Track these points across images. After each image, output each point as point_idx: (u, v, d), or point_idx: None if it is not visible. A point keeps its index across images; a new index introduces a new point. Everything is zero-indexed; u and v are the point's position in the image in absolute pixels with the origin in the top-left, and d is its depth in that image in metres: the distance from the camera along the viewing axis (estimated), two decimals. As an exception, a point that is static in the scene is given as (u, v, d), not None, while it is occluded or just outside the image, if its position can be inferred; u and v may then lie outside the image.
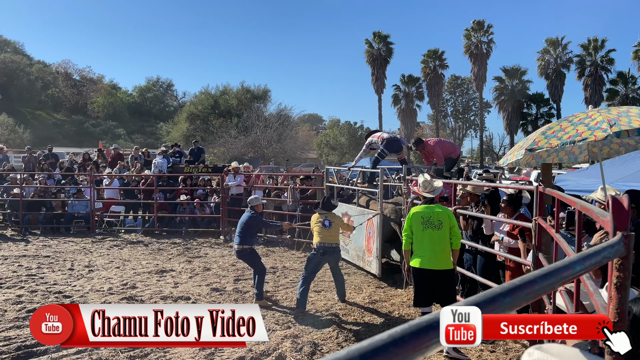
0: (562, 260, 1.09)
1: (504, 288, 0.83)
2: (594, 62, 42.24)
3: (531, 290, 0.90)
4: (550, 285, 0.96)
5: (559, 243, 3.56)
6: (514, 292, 0.85)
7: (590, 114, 3.94)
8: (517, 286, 0.86)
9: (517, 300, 0.85)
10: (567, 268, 1.06)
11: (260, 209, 7.68)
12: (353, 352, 0.55)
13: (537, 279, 0.93)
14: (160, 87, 76.31)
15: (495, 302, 0.80)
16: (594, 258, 1.19)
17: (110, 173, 15.14)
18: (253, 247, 7.54)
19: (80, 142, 50.25)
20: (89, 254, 10.83)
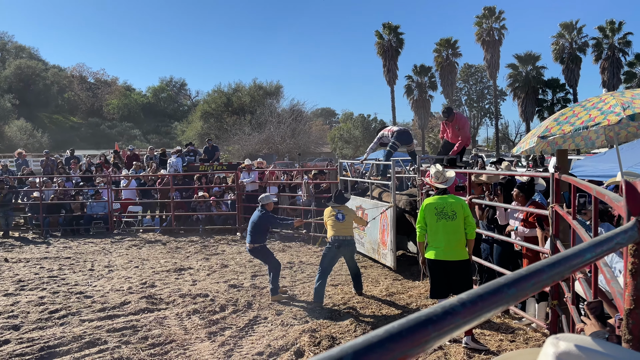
0: (572, 248, 1.07)
1: (508, 278, 0.81)
2: (611, 44, 41.38)
3: (538, 280, 0.88)
4: (559, 274, 0.93)
5: (576, 230, 3.50)
6: (520, 283, 0.83)
7: (603, 98, 3.86)
8: (522, 276, 0.84)
9: (523, 291, 0.83)
10: (577, 256, 1.03)
11: (271, 207, 7.63)
12: (347, 349, 0.54)
13: (544, 268, 0.91)
14: (174, 87, 76.88)
15: (499, 293, 0.78)
16: (605, 245, 1.16)
17: (127, 174, 15.30)
18: (265, 245, 7.53)
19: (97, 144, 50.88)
20: (109, 254, 10.98)
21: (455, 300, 0.72)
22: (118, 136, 55.58)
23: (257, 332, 6.07)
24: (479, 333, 5.65)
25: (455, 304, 0.70)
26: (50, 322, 6.36)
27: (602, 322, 2.23)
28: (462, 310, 0.70)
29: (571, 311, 3.79)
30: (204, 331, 6.05)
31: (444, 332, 0.67)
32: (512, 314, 6.23)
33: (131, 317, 6.59)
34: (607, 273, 2.04)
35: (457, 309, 0.70)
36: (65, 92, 65.45)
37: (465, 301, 0.72)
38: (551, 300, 4.90)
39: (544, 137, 4.06)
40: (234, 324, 6.33)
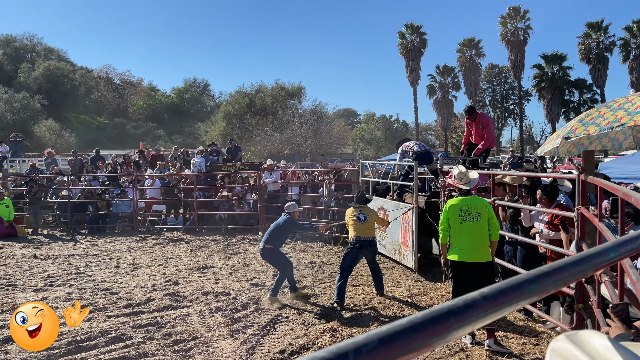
0: (595, 247, 1.07)
1: (530, 275, 0.83)
2: (639, 44, 40.41)
3: (560, 277, 0.89)
4: (581, 272, 0.94)
5: (602, 232, 3.46)
6: (541, 279, 0.84)
7: (630, 99, 3.80)
8: (544, 272, 0.86)
9: (545, 287, 0.84)
10: (600, 255, 1.03)
11: (296, 216, 7.54)
12: (372, 336, 0.57)
13: (567, 266, 0.92)
14: (197, 88, 77.74)
15: (521, 288, 0.79)
16: (630, 244, 1.15)
17: (151, 174, 15.56)
18: (280, 249, 7.43)
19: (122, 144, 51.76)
20: (133, 252, 11.19)
21: (477, 294, 0.74)
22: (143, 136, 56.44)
23: (279, 331, 6.12)
24: (502, 336, 5.60)
25: (477, 297, 0.72)
26: (77, 317, 6.51)
27: (627, 325, 2.20)
28: (483, 303, 0.72)
29: (597, 315, 3.73)
30: (226, 329, 6.13)
31: (465, 324, 0.69)
32: (536, 317, 6.16)
33: (155, 313, 6.71)
34: (632, 275, 2.02)
35: (479, 302, 0.72)
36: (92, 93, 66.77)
37: (487, 295, 0.74)
38: (577, 304, 4.82)
39: (568, 138, 4.02)
40: (255, 322, 6.40)
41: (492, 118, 8.76)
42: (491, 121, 8.86)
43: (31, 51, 67.74)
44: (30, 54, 67.00)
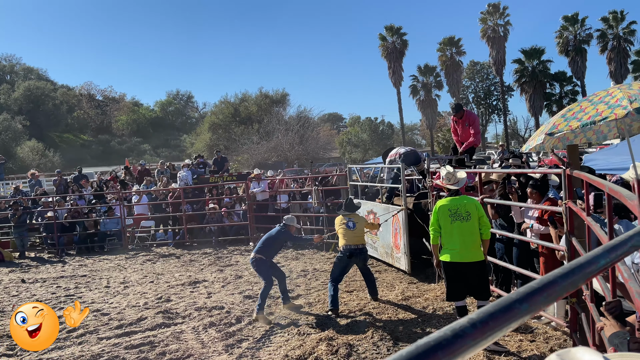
0: (585, 255, 1.04)
1: (520, 293, 0.79)
2: (616, 35, 41.02)
3: (551, 292, 0.85)
4: (573, 284, 0.91)
5: (591, 227, 3.45)
6: (532, 297, 0.80)
7: (610, 92, 3.81)
8: (535, 289, 0.82)
9: (536, 305, 0.80)
10: (591, 263, 1.00)
11: (292, 230, 7.42)
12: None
13: (557, 279, 0.88)
14: (181, 100, 77.50)
15: (511, 310, 0.76)
16: (620, 249, 1.12)
17: (138, 189, 15.40)
18: (272, 260, 7.29)
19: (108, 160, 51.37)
20: (124, 270, 11.04)
21: (465, 321, 0.70)
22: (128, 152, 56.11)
23: (274, 343, 6.05)
24: (498, 334, 5.58)
25: (466, 326, 0.68)
26: (68, 342, 6.39)
27: (621, 322, 2.18)
28: (472, 331, 0.68)
29: (590, 309, 3.72)
30: (221, 344, 6.04)
31: (454, 356, 0.65)
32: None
33: (148, 332, 6.60)
34: (624, 272, 2.00)
35: (468, 331, 0.68)
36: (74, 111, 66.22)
37: (475, 321, 0.70)
38: (570, 298, 4.83)
39: (552, 134, 4.02)
40: (250, 335, 6.32)
41: (477, 115, 8.73)
42: (477, 118, 8.88)
43: (10, 72, 67.09)
44: (10, 75, 66.33)
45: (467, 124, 8.57)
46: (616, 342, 1.97)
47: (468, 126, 8.56)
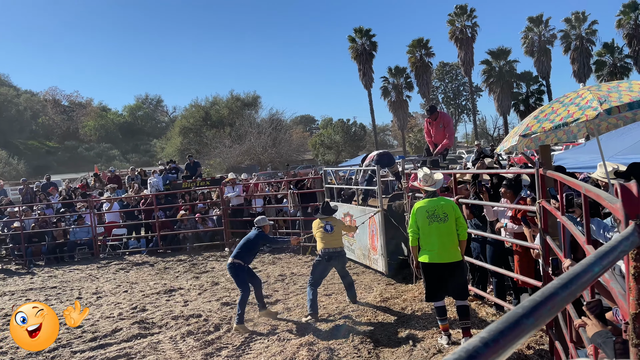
0: (579, 264, 1.05)
1: (525, 307, 0.79)
2: (578, 35, 42.27)
3: (554, 304, 0.86)
4: (572, 294, 0.92)
5: (566, 225, 3.52)
6: (537, 311, 0.81)
7: (580, 93, 3.91)
8: (539, 303, 0.83)
9: (542, 319, 0.81)
10: (586, 272, 1.02)
11: (267, 230, 7.38)
12: None
13: (557, 291, 0.90)
14: (150, 104, 76.33)
15: (519, 326, 0.76)
16: (610, 255, 1.15)
17: (109, 197, 15.08)
18: (249, 266, 7.17)
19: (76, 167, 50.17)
20: (96, 280, 10.78)
21: (477, 341, 0.69)
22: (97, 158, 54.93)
23: (254, 350, 6.00)
24: (476, 333, 5.65)
25: (479, 346, 0.68)
26: (40, 357, 6.19)
27: (602, 321, 2.23)
28: (485, 351, 0.68)
29: (567, 307, 3.80)
30: (200, 353, 5.95)
31: (471, 379, 0.64)
32: (507, 310, 6.26)
33: (124, 344, 6.46)
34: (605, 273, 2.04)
35: (481, 351, 0.67)
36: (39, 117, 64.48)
37: (487, 340, 0.70)
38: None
39: (525, 135, 4.09)
40: (229, 343, 6.25)
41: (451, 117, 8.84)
42: (451, 120, 8.99)
43: (-30, 78, 64.92)
44: (-30, 82, 64.22)
45: (442, 126, 8.68)
46: (599, 342, 2.01)
47: (442, 127, 8.66)
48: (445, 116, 8.89)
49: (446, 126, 8.67)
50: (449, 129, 8.68)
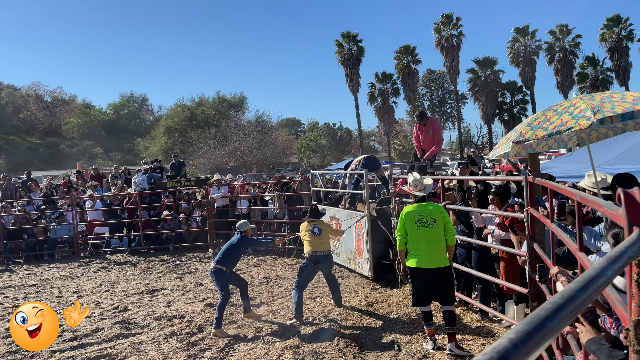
0: (593, 268, 1.05)
1: (548, 310, 0.79)
2: (562, 47, 42.98)
3: (574, 306, 0.86)
4: (590, 297, 0.92)
5: (556, 232, 3.55)
6: (559, 312, 0.81)
7: (574, 102, 3.95)
8: (560, 306, 0.82)
9: (564, 321, 0.80)
10: (600, 276, 1.02)
11: (250, 234, 7.32)
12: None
13: (576, 294, 0.89)
14: (135, 103, 75.57)
15: (544, 327, 0.75)
16: (621, 260, 1.15)
17: (91, 194, 14.86)
18: (233, 271, 7.11)
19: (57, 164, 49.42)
20: (76, 279, 10.60)
21: (506, 342, 0.68)
22: (79, 155, 54.15)
23: (238, 352, 5.94)
24: (461, 339, 5.68)
25: (509, 347, 0.67)
26: (19, 355, 6.06)
27: (595, 327, 2.24)
28: (515, 352, 0.67)
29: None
30: (183, 354, 5.88)
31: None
32: (492, 317, 6.30)
33: (105, 344, 6.35)
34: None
35: (512, 352, 0.66)
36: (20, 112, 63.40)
37: (516, 342, 0.69)
38: (531, 302, 4.96)
39: (519, 142, 4.13)
40: (213, 345, 6.18)
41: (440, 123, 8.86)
42: (441, 127, 9.04)
43: (-50, 70, 63.56)
44: (-50, 74, 62.88)
45: (431, 132, 8.71)
46: (593, 348, 2.02)
47: (432, 134, 8.70)
48: (434, 122, 8.92)
49: (435, 132, 8.70)
50: (438, 135, 8.71)
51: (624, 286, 2.29)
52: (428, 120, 8.83)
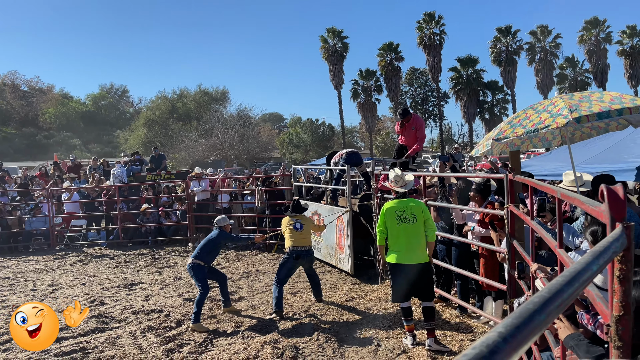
0: (578, 263, 1.04)
1: (536, 304, 0.77)
2: (543, 48, 43.62)
3: (561, 300, 0.85)
4: (576, 291, 0.91)
5: (536, 229, 3.58)
6: (547, 307, 0.80)
7: (554, 101, 4.00)
8: (547, 299, 0.81)
9: (552, 315, 0.80)
10: (586, 270, 1.01)
11: (228, 229, 7.26)
12: None
13: (563, 288, 0.89)
14: (115, 94, 74.37)
15: (533, 321, 0.74)
16: (605, 255, 1.15)
17: (69, 186, 14.59)
18: (211, 266, 7.07)
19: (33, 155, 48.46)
20: (52, 272, 10.40)
21: (496, 336, 0.66)
22: (56, 146, 53.11)
23: (217, 347, 5.89)
24: (440, 334, 5.71)
25: (499, 341, 0.65)
26: (-10, 350, 5.91)
27: (574, 322, 2.26)
28: (505, 346, 0.65)
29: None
30: (161, 349, 5.81)
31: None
32: (471, 313, 6.35)
33: (80, 338, 6.23)
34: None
35: (501, 346, 0.64)
36: (-5, 101, 61.93)
37: (506, 335, 0.67)
38: (509, 299, 5.01)
39: (499, 139, 4.16)
40: (192, 340, 6.12)
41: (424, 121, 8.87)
42: (424, 124, 9.07)
43: None
44: None
45: (414, 128, 8.74)
46: (572, 344, 2.04)
47: (414, 130, 8.72)
48: (417, 119, 8.95)
49: (418, 129, 8.73)
50: (421, 132, 8.74)
51: (602, 283, 2.32)
52: (411, 117, 8.84)
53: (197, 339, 6.11)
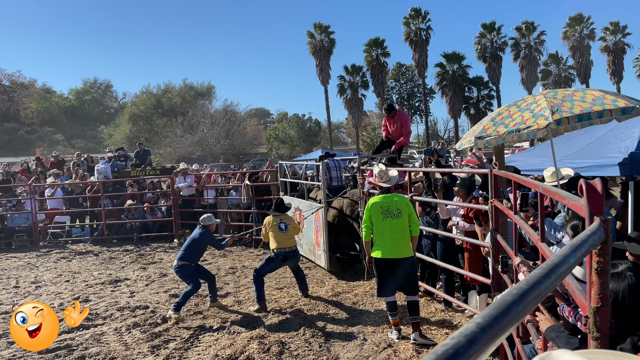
0: (556, 255, 1.07)
1: (513, 295, 0.79)
2: (527, 44, 43.99)
3: (539, 292, 0.87)
4: (554, 283, 0.93)
5: (520, 224, 3.63)
6: (524, 298, 0.82)
7: (537, 99, 4.04)
8: (525, 291, 0.83)
9: (529, 306, 0.81)
10: (564, 263, 1.04)
11: (213, 228, 7.25)
12: None
13: (541, 280, 0.91)
14: (99, 89, 73.41)
15: (510, 312, 0.76)
16: (583, 248, 1.18)
17: (53, 182, 14.40)
18: (198, 264, 7.08)
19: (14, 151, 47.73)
20: (35, 269, 10.28)
21: (474, 327, 0.68)
22: (38, 142, 52.33)
23: (203, 342, 5.88)
24: (426, 328, 5.77)
25: (476, 331, 0.66)
26: (-28, 348, 5.84)
27: (554, 314, 2.30)
28: (483, 336, 0.67)
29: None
30: (147, 345, 5.78)
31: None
32: (455, 306, 6.42)
33: (65, 335, 6.18)
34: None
35: (479, 336, 0.66)
36: (-24, 95, 60.75)
37: (484, 326, 0.68)
38: (494, 292, 5.08)
39: (481, 137, 4.20)
40: (177, 336, 6.10)
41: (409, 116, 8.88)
42: (409, 119, 9.10)
43: None
44: None
45: (399, 124, 8.76)
46: (552, 336, 2.08)
47: (400, 126, 8.74)
48: (403, 115, 8.97)
49: (403, 125, 8.75)
50: (406, 127, 8.76)
51: (582, 276, 2.36)
52: (396, 113, 8.86)
53: (183, 335, 6.09)
